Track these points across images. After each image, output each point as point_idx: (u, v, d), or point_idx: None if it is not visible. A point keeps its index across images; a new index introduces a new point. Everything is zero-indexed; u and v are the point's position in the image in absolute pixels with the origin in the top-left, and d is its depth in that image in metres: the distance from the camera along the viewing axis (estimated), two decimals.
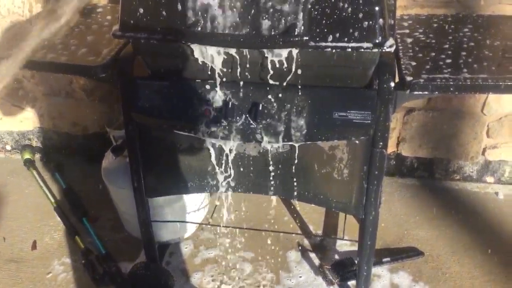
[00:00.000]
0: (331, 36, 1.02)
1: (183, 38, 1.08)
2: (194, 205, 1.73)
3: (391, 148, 1.99)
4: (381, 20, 1.01)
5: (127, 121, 1.33)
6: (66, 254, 1.76)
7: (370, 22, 1.00)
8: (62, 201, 1.97)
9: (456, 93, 1.11)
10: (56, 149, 2.24)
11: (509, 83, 1.06)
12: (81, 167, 2.12)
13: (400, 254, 1.69)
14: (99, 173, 1.69)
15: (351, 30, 1.01)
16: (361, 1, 0.99)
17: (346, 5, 0.99)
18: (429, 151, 1.99)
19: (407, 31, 1.33)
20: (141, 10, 1.09)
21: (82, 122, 2.15)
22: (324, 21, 1.01)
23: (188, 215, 1.72)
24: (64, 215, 1.89)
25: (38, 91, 2.12)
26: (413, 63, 1.15)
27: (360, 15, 1.00)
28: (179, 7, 1.05)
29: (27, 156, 2.15)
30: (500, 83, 1.06)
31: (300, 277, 1.65)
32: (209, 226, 1.80)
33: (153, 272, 1.61)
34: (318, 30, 1.02)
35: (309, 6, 1.00)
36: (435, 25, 1.37)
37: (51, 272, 1.70)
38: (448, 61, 1.15)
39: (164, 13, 1.07)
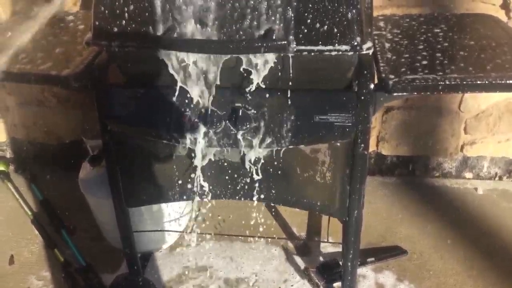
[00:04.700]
0: (309, 40, 1.01)
1: (158, 44, 1.06)
2: (175, 213, 1.70)
3: (371, 147, 2.00)
4: (358, 23, 1.00)
5: (104, 131, 1.30)
6: (45, 268, 1.72)
7: (348, 25, 1.00)
8: (39, 213, 1.92)
9: (435, 93, 1.12)
10: (31, 160, 2.19)
11: (486, 82, 1.07)
12: (58, 177, 2.07)
13: (384, 254, 1.70)
14: (76, 183, 1.65)
15: (329, 34, 1.00)
16: (338, 5, 0.98)
17: (323, 9, 0.98)
18: (408, 149, 2.00)
19: (384, 32, 1.34)
20: (115, 17, 1.06)
21: (57, 131, 2.10)
22: (301, 26, 1.00)
23: (170, 223, 1.70)
24: (42, 227, 1.84)
25: (10, 101, 2.07)
26: (391, 65, 1.15)
27: (338, 19, 0.99)
28: (154, 13, 1.03)
29: (0, 168, 2.09)
30: (478, 82, 1.07)
31: (285, 281, 1.64)
32: (191, 233, 1.78)
33: (135, 283, 1.58)
34: (296, 34, 1.01)
35: (287, 11, 0.99)
36: (410, 25, 1.38)
37: (30, 287, 1.65)
38: (424, 62, 1.16)
39: (138, 19, 1.05)
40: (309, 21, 1.00)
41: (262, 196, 1.36)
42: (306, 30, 1.00)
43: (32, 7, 1.42)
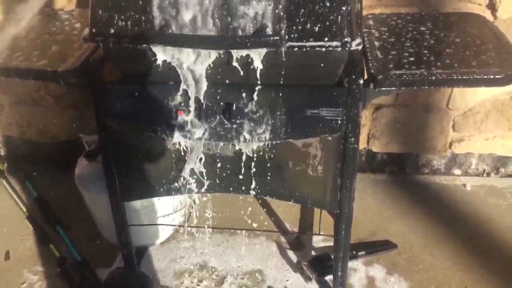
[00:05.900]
0: (300, 36, 1.04)
1: (153, 40, 1.08)
2: (170, 207, 1.72)
3: (361, 145, 2.03)
4: (348, 20, 1.03)
5: (100, 127, 1.32)
6: (41, 263, 1.74)
7: (338, 22, 1.03)
8: (34, 210, 1.93)
9: (422, 88, 1.15)
10: (25, 158, 2.20)
11: (471, 77, 1.11)
12: (52, 175, 2.09)
13: (374, 248, 1.73)
14: (70, 181, 1.67)
15: (319, 30, 1.04)
16: (329, 2, 1.01)
17: (314, 6, 1.02)
18: (398, 146, 2.04)
19: (372, 30, 1.37)
20: (111, 14, 1.08)
21: (52, 129, 2.11)
22: (293, 22, 1.03)
23: (165, 218, 1.72)
24: (37, 224, 1.86)
25: (5, 100, 2.08)
26: (380, 61, 1.19)
27: (329, 16, 1.02)
28: (148, 10, 1.06)
29: None
30: (463, 77, 1.11)
31: (279, 275, 1.67)
32: (186, 228, 1.80)
33: (131, 277, 1.60)
34: (287, 30, 1.04)
35: (279, 7, 1.02)
36: (398, 23, 1.41)
37: (26, 282, 1.67)
38: (411, 58, 1.19)
39: (133, 16, 1.07)
40: (301, 17, 1.03)
41: (255, 190, 1.39)
42: (298, 27, 1.04)
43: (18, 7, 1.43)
